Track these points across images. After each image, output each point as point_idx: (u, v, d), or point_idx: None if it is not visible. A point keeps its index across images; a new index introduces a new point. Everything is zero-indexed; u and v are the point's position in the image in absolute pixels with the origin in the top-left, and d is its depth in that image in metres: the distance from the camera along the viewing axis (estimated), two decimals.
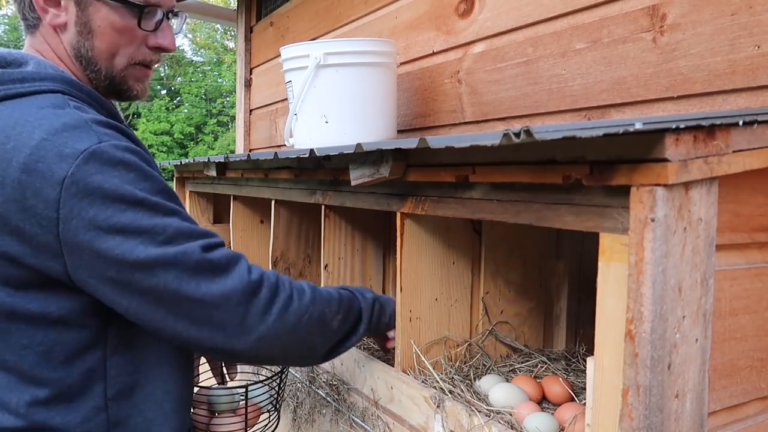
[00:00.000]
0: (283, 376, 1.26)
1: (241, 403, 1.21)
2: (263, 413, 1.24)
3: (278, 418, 1.28)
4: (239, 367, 1.34)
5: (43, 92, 0.90)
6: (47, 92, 0.91)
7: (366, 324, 1.11)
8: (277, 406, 1.26)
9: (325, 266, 1.61)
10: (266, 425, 1.24)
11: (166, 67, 21.34)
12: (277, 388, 1.25)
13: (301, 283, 1.02)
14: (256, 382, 1.21)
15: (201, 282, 0.87)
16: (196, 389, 1.16)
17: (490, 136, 0.74)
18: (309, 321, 0.97)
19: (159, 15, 1.01)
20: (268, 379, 1.23)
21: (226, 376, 1.31)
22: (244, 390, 1.18)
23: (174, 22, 1.06)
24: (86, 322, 0.91)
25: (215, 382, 1.28)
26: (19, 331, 0.88)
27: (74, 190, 0.81)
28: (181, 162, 2.50)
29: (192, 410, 1.16)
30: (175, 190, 2.84)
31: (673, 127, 0.68)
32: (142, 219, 0.84)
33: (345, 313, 1.06)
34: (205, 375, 1.30)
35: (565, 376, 1.27)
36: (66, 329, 0.89)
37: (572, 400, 1.16)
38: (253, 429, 1.23)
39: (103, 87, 1.02)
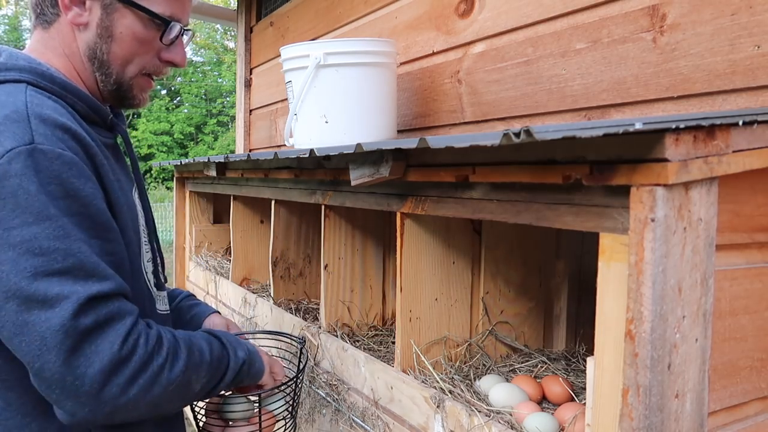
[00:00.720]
0: (299, 381, 1.22)
1: (254, 411, 1.18)
2: (279, 420, 1.21)
3: (294, 426, 1.25)
4: None
5: (6, 82, 0.89)
6: (11, 82, 0.90)
7: (227, 383, 1.05)
8: (293, 413, 1.23)
9: (325, 266, 1.61)
10: (283, 431, 1.22)
11: None
12: (292, 394, 1.22)
13: (180, 344, 0.93)
14: (271, 389, 1.18)
15: (72, 337, 0.79)
16: (207, 398, 1.14)
17: (490, 136, 0.74)
18: (173, 391, 0.90)
19: (177, 31, 1.02)
20: (282, 384, 1.19)
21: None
22: (257, 398, 1.16)
23: (184, 38, 1.07)
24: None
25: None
26: None
27: None
28: (181, 162, 2.50)
29: (205, 419, 1.15)
30: (174, 190, 2.85)
31: (673, 127, 0.68)
32: (44, 239, 0.79)
33: (210, 376, 0.99)
34: None
35: (565, 376, 1.27)
36: None
37: (572, 400, 1.16)
38: None
39: (107, 91, 1.02)
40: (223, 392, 1.18)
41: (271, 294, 1.96)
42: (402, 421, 1.22)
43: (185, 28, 1.05)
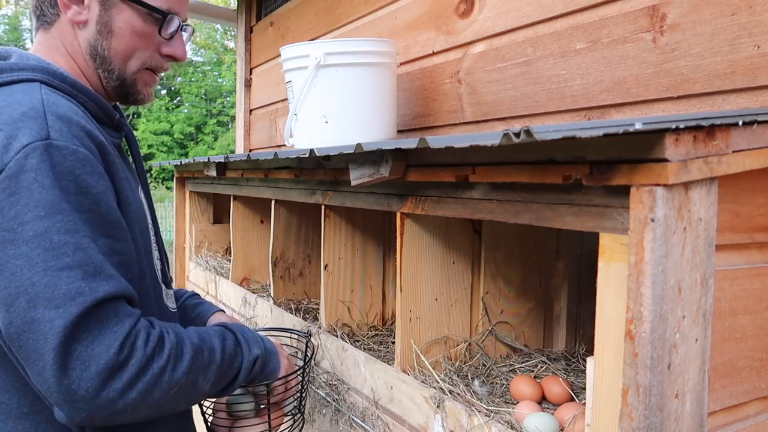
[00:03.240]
0: (306, 374, 1.20)
1: (261, 405, 1.17)
2: (287, 415, 1.20)
3: (303, 421, 1.23)
4: None
5: (20, 81, 0.90)
6: (24, 81, 0.90)
7: (240, 382, 1.02)
8: (301, 407, 1.22)
9: (325, 266, 1.61)
10: (291, 426, 1.21)
11: None
12: (300, 388, 1.21)
13: (185, 343, 0.91)
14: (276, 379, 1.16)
15: (70, 340, 0.79)
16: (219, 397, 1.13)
17: (490, 136, 0.74)
18: (177, 392, 0.88)
19: (176, 25, 1.03)
20: (289, 376, 1.17)
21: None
22: (265, 392, 1.14)
23: (184, 35, 1.08)
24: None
25: None
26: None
27: (6, 185, 0.80)
28: (181, 162, 2.50)
29: (213, 416, 1.15)
30: (174, 190, 2.85)
31: (673, 127, 0.68)
32: (55, 233, 0.80)
33: (220, 375, 0.97)
34: None
35: (565, 376, 1.27)
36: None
37: (572, 400, 1.16)
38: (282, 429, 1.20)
39: (111, 88, 1.03)
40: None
41: (271, 294, 1.96)
42: (402, 421, 1.22)
43: (184, 23, 1.05)
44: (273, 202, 1.91)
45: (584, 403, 1.00)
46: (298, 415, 1.20)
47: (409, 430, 1.20)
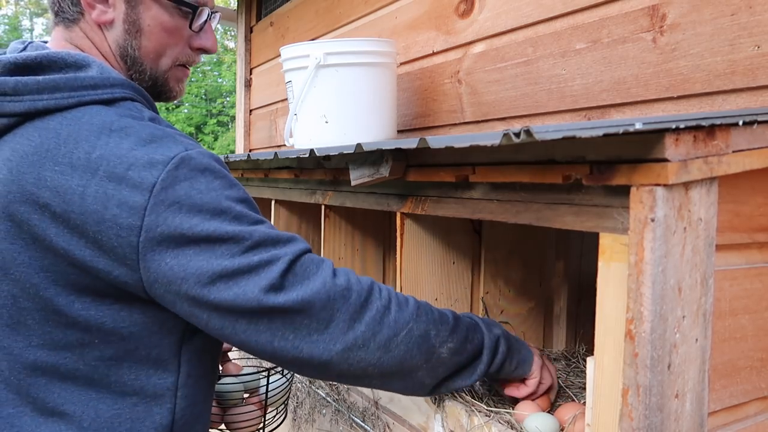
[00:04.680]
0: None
1: (245, 394, 1.19)
2: (270, 405, 1.21)
3: (286, 412, 1.26)
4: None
5: (116, 100, 0.88)
6: (120, 100, 0.89)
7: (486, 364, 0.97)
8: (285, 400, 1.24)
9: None
10: (275, 415, 1.23)
11: None
12: (290, 377, 1.23)
13: (408, 296, 0.92)
14: (262, 370, 1.18)
15: (283, 290, 0.82)
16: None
17: (490, 136, 0.74)
18: (408, 338, 0.86)
19: (205, 16, 1.00)
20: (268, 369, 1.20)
21: (220, 370, 1.29)
22: (265, 377, 1.15)
23: (213, 22, 1.05)
24: (158, 340, 0.89)
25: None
26: (93, 344, 0.86)
27: (162, 197, 0.79)
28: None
29: None
30: None
31: (673, 127, 0.68)
32: (227, 227, 0.81)
33: (459, 343, 0.92)
34: None
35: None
36: (136, 346, 0.87)
37: (572, 400, 1.16)
38: (267, 419, 1.21)
39: (144, 88, 1.00)
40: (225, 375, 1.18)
41: None
42: (402, 421, 1.22)
43: (212, 10, 1.03)
44: (273, 202, 1.92)
45: (584, 403, 1.00)
46: (282, 406, 1.22)
47: (409, 430, 1.20)
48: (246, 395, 1.21)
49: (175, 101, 1.09)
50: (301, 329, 0.83)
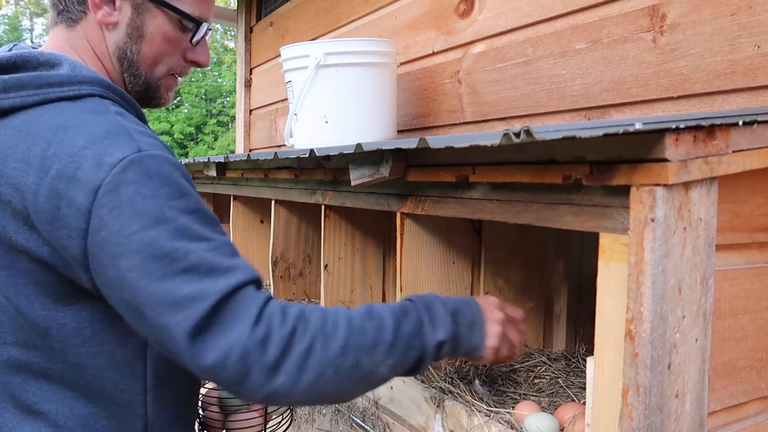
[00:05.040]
0: None
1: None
2: (272, 412, 1.21)
3: (291, 417, 1.25)
4: None
5: (82, 96, 0.88)
6: (87, 96, 0.89)
7: (431, 361, 0.92)
8: (289, 406, 1.23)
9: (325, 266, 1.61)
10: (280, 422, 1.22)
11: None
12: None
13: (341, 317, 0.85)
14: None
15: (205, 337, 0.78)
16: (204, 390, 1.13)
17: (490, 136, 0.74)
18: (336, 374, 0.82)
19: (203, 31, 1.02)
20: None
21: None
22: None
23: (207, 38, 1.08)
24: (122, 341, 0.88)
25: None
26: (55, 347, 0.86)
27: (105, 200, 0.78)
28: (181, 162, 2.50)
29: (205, 410, 1.15)
30: None
31: (673, 127, 0.68)
32: (164, 241, 0.78)
33: (399, 356, 0.87)
34: None
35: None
36: (100, 349, 0.87)
37: (572, 400, 1.16)
38: (269, 426, 1.21)
39: (135, 91, 1.02)
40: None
41: (271, 294, 1.96)
42: (402, 421, 1.22)
43: (208, 28, 1.05)
44: (273, 202, 1.91)
45: (584, 403, 1.00)
46: (287, 413, 1.22)
47: (409, 430, 1.20)
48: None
49: (162, 108, 1.09)
50: (221, 382, 0.80)
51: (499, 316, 0.97)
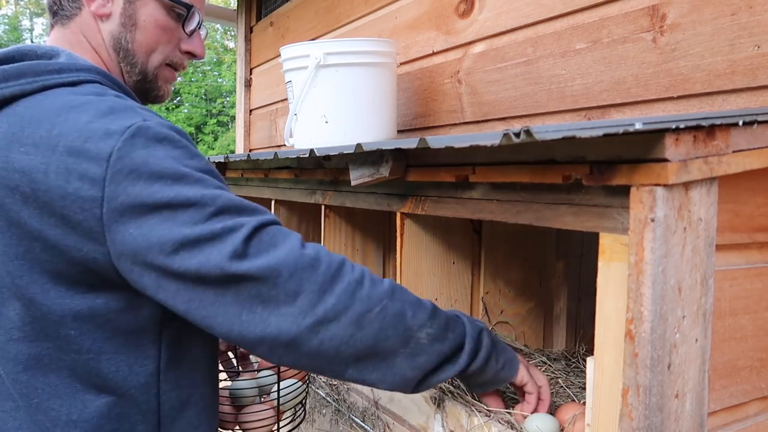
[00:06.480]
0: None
1: (270, 394, 1.18)
2: (283, 406, 1.20)
3: (304, 414, 1.23)
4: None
5: (81, 82, 0.90)
6: (85, 82, 0.90)
7: (469, 355, 0.89)
8: (303, 401, 1.22)
9: None
10: (292, 418, 1.21)
11: None
12: (308, 378, 1.21)
13: (384, 279, 0.86)
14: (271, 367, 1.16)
15: (247, 257, 0.78)
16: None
17: (490, 136, 0.74)
18: (382, 315, 0.80)
19: (197, 20, 1.05)
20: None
21: (240, 367, 1.28)
22: (275, 379, 1.12)
23: (201, 32, 1.10)
24: (136, 326, 0.88)
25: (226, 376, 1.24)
26: (69, 336, 0.85)
27: (120, 166, 0.78)
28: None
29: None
30: None
31: (673, 127, 0.68)
32: (189, 192, 0.79)
33: (439, 330, 0.86)
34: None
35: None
36: (113, 334, 0.87)
37: (572, 400, 1.16)
38: (283, 419, 1.20)
39: (133, 83, 1.04)
40: (237, 372, 1.16)
41: None
42: (402, 421, 1.22)
43: (201, 22, 1.07)
44: (273, 202, 1.91)
45: (584, 403, 1.00)
46: (300, 407, 1.21)
47: (409, 430, 1.20)
48: (262, 396, 1.20)
49: (162, 103, 1.11)
50: (268, 301, 0.79)
51: (525, 364, 1.02)
